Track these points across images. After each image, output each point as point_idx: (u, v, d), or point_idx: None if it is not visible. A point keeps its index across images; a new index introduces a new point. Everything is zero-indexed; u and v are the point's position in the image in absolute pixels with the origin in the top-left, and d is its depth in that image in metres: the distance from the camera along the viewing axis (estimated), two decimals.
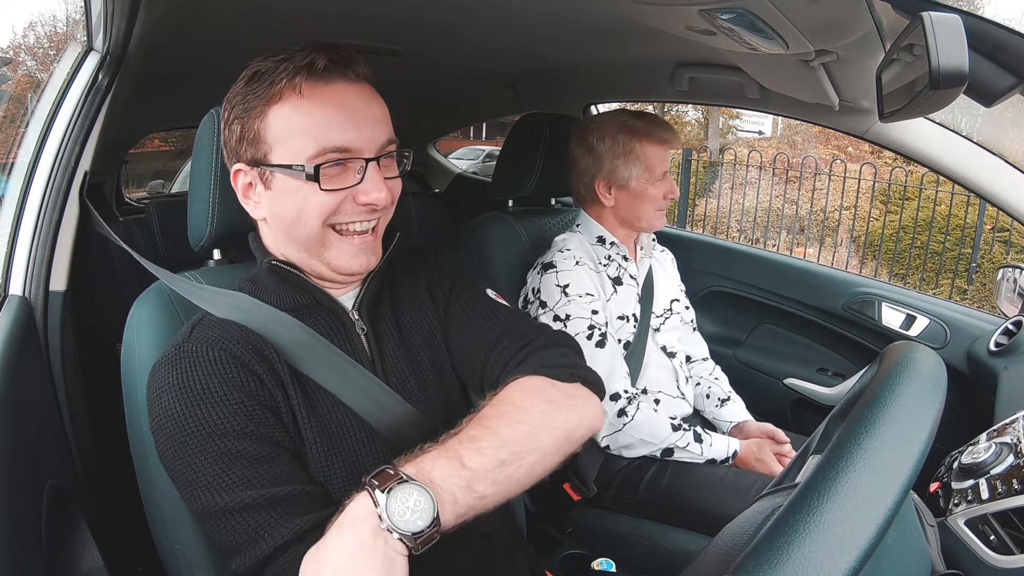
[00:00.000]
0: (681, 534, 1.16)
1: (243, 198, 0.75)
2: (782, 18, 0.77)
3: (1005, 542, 0.78)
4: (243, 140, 0.71)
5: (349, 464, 0.71)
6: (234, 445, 0.62)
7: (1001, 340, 1.29)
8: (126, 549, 0.90)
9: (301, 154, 0.68)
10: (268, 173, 0.71)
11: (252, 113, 0.70)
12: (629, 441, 1.19)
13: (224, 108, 0.74)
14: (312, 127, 0.68)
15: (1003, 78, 0.63)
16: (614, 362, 1.20)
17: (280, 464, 0.64)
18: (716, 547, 0.53)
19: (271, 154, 0.70)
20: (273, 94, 0.68)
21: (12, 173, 1.00)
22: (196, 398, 0.64)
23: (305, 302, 0.75)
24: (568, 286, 1.22)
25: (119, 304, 0.86)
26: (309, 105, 0.68)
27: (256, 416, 0.65)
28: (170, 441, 0.64)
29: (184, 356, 0.67)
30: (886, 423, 0.44)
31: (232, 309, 0.72)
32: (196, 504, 0.62)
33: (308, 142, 0.68)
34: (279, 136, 0.69)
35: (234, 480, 0.61)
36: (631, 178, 1.28)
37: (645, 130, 1.28)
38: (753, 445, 1.24)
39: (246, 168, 0.73)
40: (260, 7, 1.02)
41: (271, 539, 0.60)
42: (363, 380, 0.73)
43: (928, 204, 5.67)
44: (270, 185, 0.72)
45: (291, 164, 0.69)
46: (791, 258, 1.94)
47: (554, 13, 1.11)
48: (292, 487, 0.63)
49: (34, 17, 8.41)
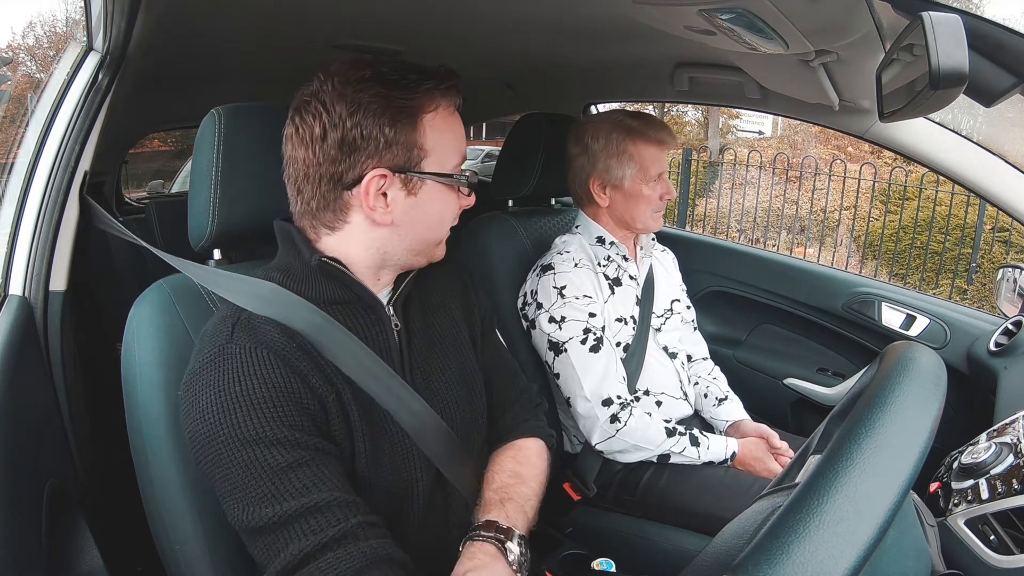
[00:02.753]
0: (681, 534, 1.16)
1: (368, 202, 0.71)
2: (782, 18, 0.77)
3: (1005, 542, 0.78)
4: (394, 144, 0.71)
5: (391, 461, 0.73)
6: (258, 454, 0.63)
7: (1001, 340, 1.29)
8: (126, 549, 0.90)
9: (449, 162, 0.75)
10: (418, 180, 0.73)
11: (406, 119, 0.71)
12: (622, 447, 1.19)
13: (343, 104, 0.69)
14: (457, 140, 0.76)
15: (1003, 78, 0.63)
16: (608, 367, 1.20)
17: (304, 471, 0.64)
18: (716, 547, 0.53)
19: (425, 160, 0.73)
20: (426, 104, 0.72)
21: (12, 173, 1.00)
22: (232, 402, 0.63)
23: (345, 297, 0.76)
24: (565, 288, 1.22)
25: (119, 304, 0.86)
26: (455, 120, 0.76)
27: (292, 421, 0.65)
28: (206, 449, 0.64)
29: (227, 357, 0.66)
30: (886, 423, 0.44)
31: (258, 299, 0.71)
32: (231, 518, 0.64)
33: (454, 155, 0.76)
34: (436, 145, 0.73)
35: (258, 494, 0.62)
36: (625, 178, 1.28)
37: (640, 130, 1.27)
38: (751, 444, 1.24)
39: (388, 173, 0.71)
40: (261, 8, 1.02)
41: (286, 556, 0.62)
42: (390, 379, 0.74)
43: (928, 204, 5.67)
44: (416, 191, 0.73)
45: (451, 174, 0.75)
46: (791, 258, 1.94)
47: (554, 13, 1.11)
48: (311, 497, 0.63)
49: (34, 17, 8.39)
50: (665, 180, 1.31)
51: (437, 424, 0.77)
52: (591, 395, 1.18)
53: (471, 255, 1.39)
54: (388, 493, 0.73)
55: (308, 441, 0.65)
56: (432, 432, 0.77)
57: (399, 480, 0.74)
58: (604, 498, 1.24)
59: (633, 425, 1.18)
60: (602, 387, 1.18)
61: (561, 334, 1.20)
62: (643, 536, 1.19)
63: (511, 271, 1.36)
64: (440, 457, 0.77)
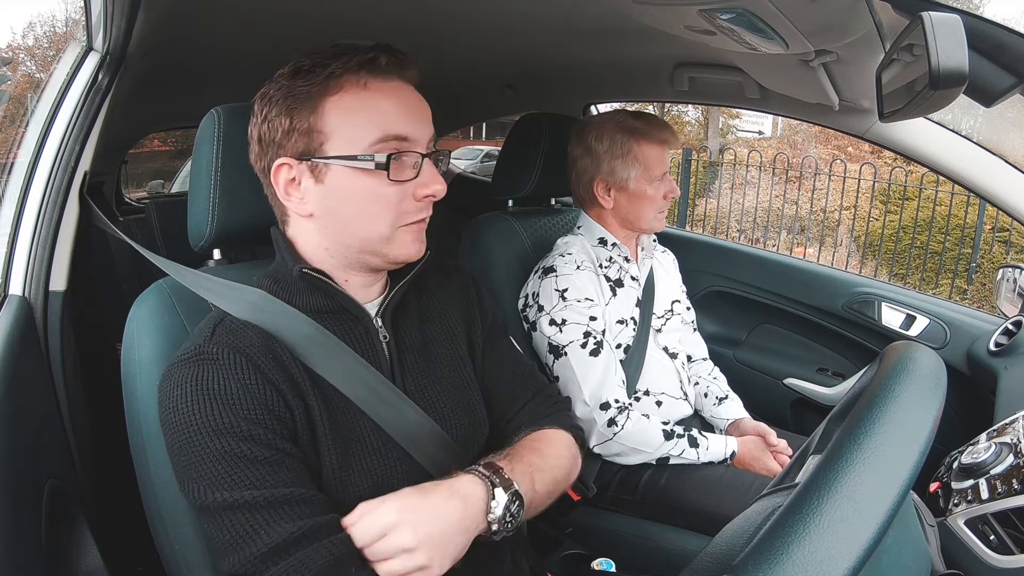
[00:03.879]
0: (681, 534, 1.16)
1: (284, 195, 0.73)
2: (782, 18, 0.77)
3: (1005, 542, 0.78)
4: (292, 132, 0.70)
5: (368, 470, 0.71)
6: (238, 446, 0.63)
7: (1001, 340, 1.29)
8: (126, 549, 0.90)
9: (361, 141, 0.69)
10: (321, 166, 0.70)
11: (304, 106, 0.69)
12: (620, 450, 1.19)
13: (260, 103, 0.72)
14: (374, 117, 0.69)
15: (1003, 78, 0.63)
16: (608, 370, 1.20)
17: (283, 468, 0.64)
18: (716, 547, 0.53)
19: (327, 144, 0.70)
20: (331, 86, 0.69)
21: (12, 173, 1.00)
22: (209, 397, 0.64)
23: (331, 307, 0.75)
24: (567, 291, 1.22)
25: (119, 304, 0.86)
26: (373, 96, 0.69)
27: (265, 423, 0.65)
28: (177, 435, 0.64)
29: (205, 357, 0.66)
30: (886, 423, 0.44)
31: (248, 306, 0.71)
32: (195, 499, 0.63)
33: (370, 129, 0.69)
34: (338, 126, 0.69)
35: (235, 479, 0.62)
36: (629, 179, 1.28)
37: (643, 130, 1.27)
38: (750, 443, 1.24)
39: (292, 162, 0.71)
40: (261, 8, 1.02)
41: (265, 539, 0.60)
42: (383, 388, 0.73)
43: (928, 204, 5.68)
44: (322, 179, 0.71)
45: (355, 155, 0.69)
46: (791, 258, 1.94)
47: (554, 13, 1.11)
48: (292, 490, 0.63)
49: (34, 17, 8.38)
50: (668, 179, 1.32)
51: (435, 432, 0.76)
52: (590, 399, 1.18)
53: (471, 255, 1.39)
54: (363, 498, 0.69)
55: (279, 444, 0.65)
56: (430, 441, 0.75)
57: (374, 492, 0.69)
58: (604, 498, 1.24)
59: (630, 429, 1.18)
60: (600, 391, 1.18)
61: (561, 337, 1.20)
62: (643, 536, 1.19)
63: (511, 271, 1.36)
64: (440, 466, 0.76)
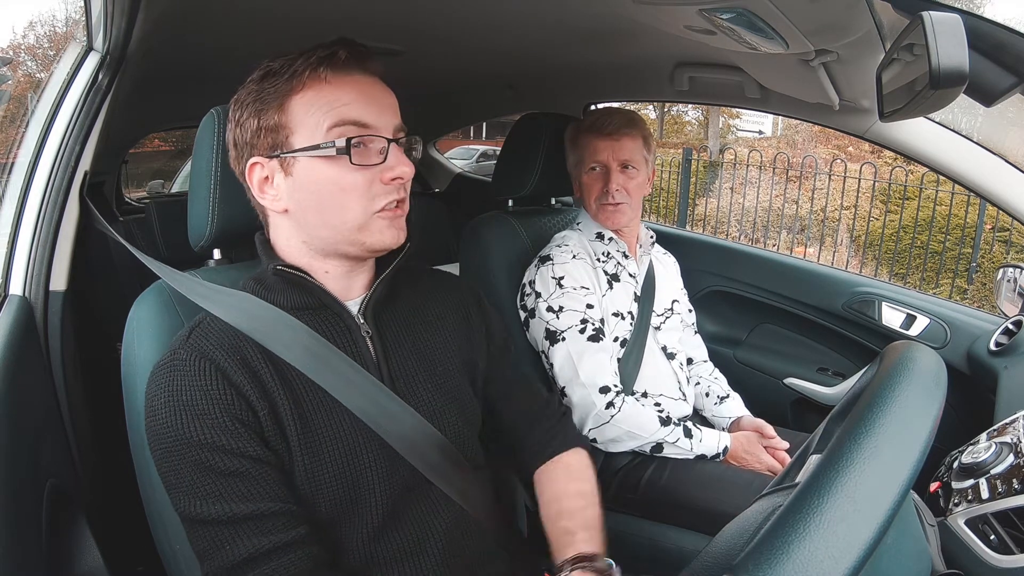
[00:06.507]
0: (681, 533, 1.16)
1: (259, 194, 0.73)
2: (782, 18, 0.77)
3: (1005, 542, 0.78)
4: (260, 131, 0.71)
5: (341, 471, 0.71)
6: (208, 457, 0.65)
7: (1001, 340, 1.29)
8: (126, 549, 0.90)
9: (319, 128, 0.69)
10: (289, 159, 0.71)
11: (271, 105, 0.70)
12: (616, 434, 1.18)
13: (233, 108, 0.74)
14: (331, 106, 0.70)
15: (1003, 78, 0.63)
16: (606, 356, 1.21)
17: (251, 480, 0.66)
18: (716, 547, 0.53)
19: (292, 137, 0.70)
20: (295, 84, 0.70)
21: (12, 173, 1.00)
22: (180, 408, 0.65)
23: (311, 303, 0.75)
24: (563, 278, 1.23)
25: (119, 304, 0.86)
26: (333, 89, 0.70)
27: (232, 431, 0.66)
28: (156, 443, 0.66)
29: (176, 364, 0.68)
30: (886, 423, 0.44)
31: (234, 310, 0.72)
32: (175, 505, 0.67)
33: (326, 116, 0.69)
34: (301, 119, 0.70)
35: (207, 491, 0.64)
36: (573, 167, 1.36)
37: (592, 123, 1.31)
38: (742, 438, 1.24)
39: (263, 160, 0.72)
40: (261, 8, 1.02)
41: (231, 553, 0.64)
42: (368, 385, 0.73)
43: (928, 204, 5.67)
44: (291, 171, 0.71)
45: (318, 144, 0.69)
46: (791, 258, 1.94)
47: (554, 13, 1.11)
48: (260, 504, 0.65)
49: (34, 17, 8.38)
50: (608, 176, 1.29)
51: (429, 433, 0.75)
52: (587, 381, 1.18)
53: (471, 255, 1.39)
54: (334, 505, 0.70)
55: (250, 451, 0.66)
56: (424, 441, 0.75)
57: (348, 491, 0.71)
58: (604, 497, 1.22)
59: (628, 411, 1.18)
60: (598, 375, 1.18)
61: (559, 323, 1.21)
62: (643, 536, 1.19)
63: (511, 271, 1.36)
64: (437, 467, 0.75)
